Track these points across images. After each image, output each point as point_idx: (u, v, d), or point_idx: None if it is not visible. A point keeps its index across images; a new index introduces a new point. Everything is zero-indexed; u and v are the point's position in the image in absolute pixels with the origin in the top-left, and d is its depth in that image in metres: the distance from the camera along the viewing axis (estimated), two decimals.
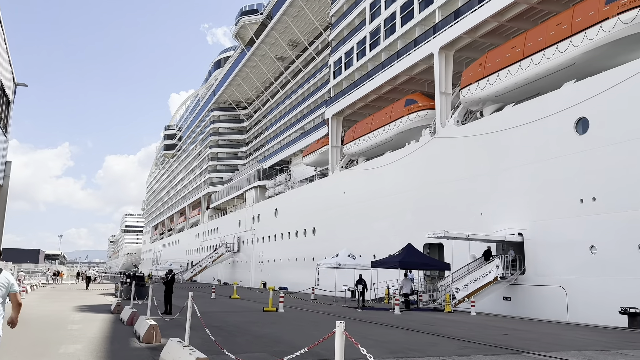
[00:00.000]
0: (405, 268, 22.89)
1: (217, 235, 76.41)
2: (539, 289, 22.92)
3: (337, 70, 44.51)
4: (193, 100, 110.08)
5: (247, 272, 63.04)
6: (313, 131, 52.89)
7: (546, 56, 23.57)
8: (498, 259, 23.38)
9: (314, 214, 45.89)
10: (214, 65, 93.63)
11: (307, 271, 46.46)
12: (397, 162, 34.04)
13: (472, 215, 26.88)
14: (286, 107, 66.83)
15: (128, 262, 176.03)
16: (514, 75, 25.36)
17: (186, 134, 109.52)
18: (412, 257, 21.98)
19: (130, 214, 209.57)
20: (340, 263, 26.48)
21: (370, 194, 37.07)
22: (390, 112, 36.00)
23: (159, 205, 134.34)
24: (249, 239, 63.21)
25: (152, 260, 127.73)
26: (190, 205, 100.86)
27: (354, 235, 38.38)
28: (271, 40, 64.38)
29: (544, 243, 22.82)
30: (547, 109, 23.19)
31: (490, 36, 29.80)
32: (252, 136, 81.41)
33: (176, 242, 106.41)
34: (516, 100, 26.08)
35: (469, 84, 28.41)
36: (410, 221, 32.49)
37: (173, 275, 18.38)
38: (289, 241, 51.12)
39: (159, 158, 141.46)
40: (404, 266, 21.87)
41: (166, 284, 17.76)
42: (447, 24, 30.71)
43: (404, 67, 34.55)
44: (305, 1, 55.43)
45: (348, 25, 43.63)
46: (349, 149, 41.44)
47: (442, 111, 30.83)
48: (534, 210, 23.48)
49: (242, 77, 76.09)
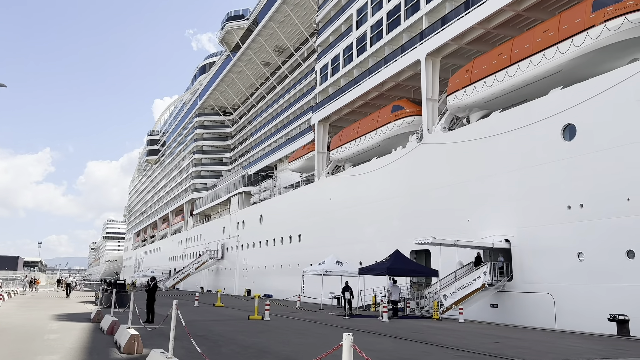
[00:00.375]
0: (394, 275, 22.62)
1: (200, 242, 75.46)
2: (526, 296, 22.81)
3: (324, 76, 44.35)
4: (177, 105, 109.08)
5: (231, 280, 62.26)
6: (299, 137, 52.59)
7: (533, 63, 23.63)
8: (485, 266, 23.23)
9: (299, 220, 45.48)
10: (198, 70, 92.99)
11: (292, 278, 45.96)
12: (384, 168, 33.87)
13: (459, 222, 26.75)
14: (272, 113, 66.47)
15: (109, 270, 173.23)
16: (501, 81, 25.38)
17: (170, 140, 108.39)
18: (400, 263, 21.72)
19: (112, 221, 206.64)
20: (326, 270, 26.10)
21: (356, 200, 36.82)
22: (376, 118, 35.88)
23: (142, 212, 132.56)
24: (233, 245, 62.48)
25: (133, 268, 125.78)
26: (174, 211, 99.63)
27: (340, 242, 38.05)
28: (257, 45, 64.08)
29: (532, 250, 22.75)
30: (534, 115, 23.21)
31: (477, 43, 29.86)
32: (237, 142, 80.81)
33: (158, 249, 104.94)
34: (503, 106, 26.09)
35: (456, 91, 28.39)
36: (397, 227, 32.28)
37: (155, 282, 17.84)
38: (274, 248, 50.59)
39: (142, 164, 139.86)
40: (392, 273, 21.60)
41: (148, 291, 17.21)
42: (434, 30, 30.73)
43: (391, 73, 34.47)
44: (291, 7, 55.32)
45: (335, 32, 43.54)
46: (335, 155, 41.20)
47: (428, 117, 30.77)
48: (521, 217, 23.42)
49: (227, 83, 75.57)
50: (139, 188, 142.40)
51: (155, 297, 17.21)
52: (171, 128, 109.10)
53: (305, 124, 53.40)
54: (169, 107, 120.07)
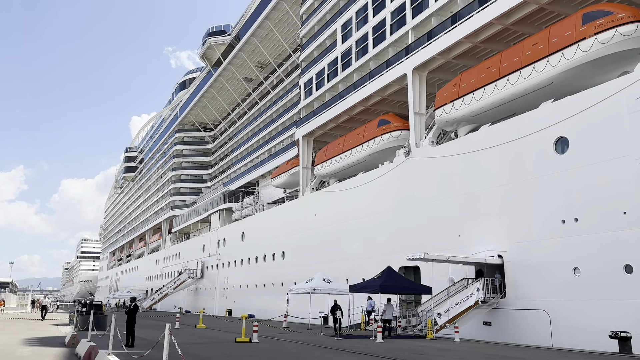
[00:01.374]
0: (387, 292, 21.81)
1: (179, 261, 73.52)
2: (520, 313, 22.24)
3: (308, 90, 43.87)
4: (156, 122, 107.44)
5: (211, 299, 60.56)
6: (282, 152, 51.83)
7: (523, 76, 23.45)
8: (478, 282, 22.64)
9: (283, 237, 44.47)
10: (178, 86, 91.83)
11: (275, 297, 44.75)
12: (371, 183, 33.28)
13: (450, 237, 26.20)
14: (254, 129, 65.68)
15: (83, 290, 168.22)
16: (490, 95, 25.14)
17: (148, 156, 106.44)
18: (392, 280, 20.95)
19: (87, 240, 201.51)
20: (314, 288, 25.17)
21: (342, 216, 36.09)
22: (362, 132, 35.40)
23: (118, 230, 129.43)
24: (213, 264, 60.93)
25: (109, 288, 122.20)
26: (151, 229, 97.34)
27: (326, 259, 37.16)
28: (239, 61, 63.51)
29: (525, 265, 22.26)
30: (525, 128, 22.94)
31: (463, 58, 29.74)
32: (218, 158, 79.61)
33: (135, 268, 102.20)
34: (492, 120, 25.82)
35: (444, 104, 28.10)
36: (384, 244, 31.59)
37: (136, 303, 16.68)
38: (256, 266, 49.35)
39: (119, 181, 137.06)
40: (385, 290, 20.81)
41: (129, 313, 16.04)
42: (420, 45, 30.53)
43: (377, 87, 34.13)
44: (274, 23, 55.02)
45: (319, 47, 43.22)
46: (320, 170, 40.53)
47: (416, 131, 30.39)
48: (514, 232, 22.96)
49: (208, 99, 74.65)
50: (115, 206, 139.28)
51: (135, 319, 16.07)
52: (149, 144, 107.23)
53: (288, 139, 52.73)
54: (148, 123, 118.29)
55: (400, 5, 32.51)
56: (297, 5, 51.07)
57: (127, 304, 16.66)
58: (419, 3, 30.98)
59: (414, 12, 31.34)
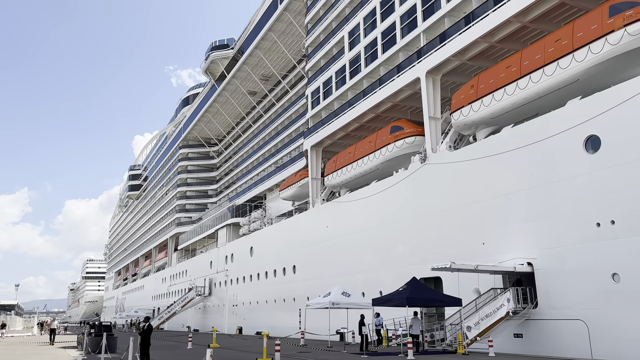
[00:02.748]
0: (414, 305, 20.54)
1: (186, 279, 72.22)
2: (555, 323, 20.92)
3: (315, 100, 42.95)
4: (160, 139, 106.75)
5: (220, 317, 59.12)
6: (289, 164, 50.80)
7: (546, 74, 22.39)
8: (509, 292, 21.36)
9: (293, 251, 43.23)
10: (182, 102, 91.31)
11: (287, 313, 43.42)
12: (385, 192, 32.13)
13: (473, 245, 24.95)
14: (259, 142, 64.78)
15: (89, 311, 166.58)
16: (511, 95, 24.07)
17: (152, 173, 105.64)
18: (419, 292, 19.67)
19: (92, 260, 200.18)
20: (333, 302, 23.86)
21: (355, 226, 34.87)
22: (374, 140, 34.33)
23: (123, 249, 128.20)
24: (221, 280, 59.60)
25: (115, 308, 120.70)
26: (157, 247, 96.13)
27: (339, 272, 35.88)
28: (243, 74, 62.87)
29: (558, 273, 20.97)
30: (551, 128, 21.82)
31: (478, 59, 28.77)
32: (223, 173, 78.65)
33: (141, 287, 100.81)
34: (513, 122, 24.68)
35: (461, 107, 27.03)
36: (402, 254, 30.35)
37: (150, 324, 15.48)
38: (266, 281, 48.03)
39: (123, 200, 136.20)
40: (412, 303, 19.53)
41: (142, 334, 14.85)
42: (433, 47, 29.59)
43: (388, 93, 33.15)
44: (278, 34, 54.38)
45: (325, 55, 42.39)
46: (330, 180, 39.40)
47: (432, 136, 29.30)
48: (544, 238, 21.71)
49: (212, 113, 73.93)
50: (120, 225, 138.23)
51: (150, 340, 14.87)
52: (154, 162, 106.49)
53: (295, 150, 51.75)
54: (151, 140, 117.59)
55: (410, 8, 31.65)
56: (300, 15, 50.44)
57: (141, 324, 15.34)
58: (430, 5, 30.11)
59: (426, 14, 30.46)
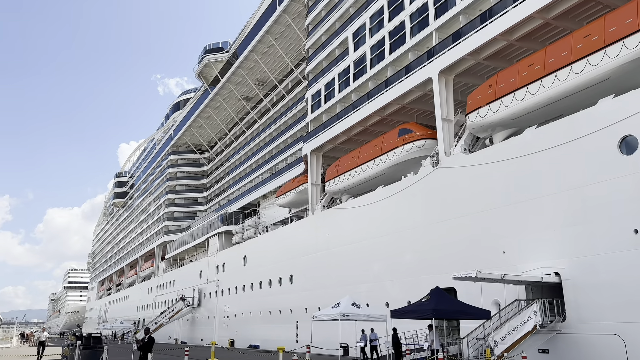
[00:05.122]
0: (440, 317, 18.81)
1: (173, 289, 69.60)
2: (586, 338, 19.33)
3: (316, 103, 41.35)
4: (148, 145, 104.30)
5: (209, 330, 56.69)
6: (286, 170, 49.01)
7: (574, 71, 21.06)
8: (535, 304, 19.75)
9: (290, 260, 41.30)
10: (172, 107, 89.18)
11: (283, 326, 41.38)
12: (393, 198, 30.49)
13: (492, 254, 23.37)
14: (252, 148, 62.94)
15: (70, 321, 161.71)
16: (534, 94, 22.69)
17: (139, 181, 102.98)
18: (445, 303, 17.96)
19: (74, 269, 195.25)
20: (344, 314, 22.00)
21: (359, 234, 33.13)
22: (380, 143, 32.78)
23: (107, 259, 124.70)
24: (211, 291, 57.27)
25: (97, 319, 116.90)
26: (143, 257, 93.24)
27: (341, 282, 34.03)
28: (237, 79, 61.17)
29: (590, 283, 19.44)
30: (581, 129, 20.42)
31: (494, 59, 27.47)
32: (214, 181, 76.51)
33: (125, 297, 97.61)
34: (534, 123, 23.26)
35: (478, 108, 25.60)
36: (410, 263, 28.66)
37: (151, 335, 13.48)
38: (260, 292, 45.93)
39: (108, 207, 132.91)
40: (438, 315, 17.81)
41: (142, 348, 12.88)
42: (446, 46, 28.23)
43: (396, 95, 31.68)
44: (275, 37, 52.90)
45: (327, 57, 40.91)
46: (332, 186, 37.70)
47: (445, 139, 27.81)
48: (574, 246, 20.19)
49: (204, 119, 71.99)
50: (104, 233, 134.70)
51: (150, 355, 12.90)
52: (141, 168, 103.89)
53: (292, 156, 50.02)
54: (139, 147, 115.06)
55: (421, 6, 30.29)
56: (300, 18, 49.05)
57: (138, 335, 13.15)
58: (443, 2, 28.79)
59: (438, 12, 29.13)
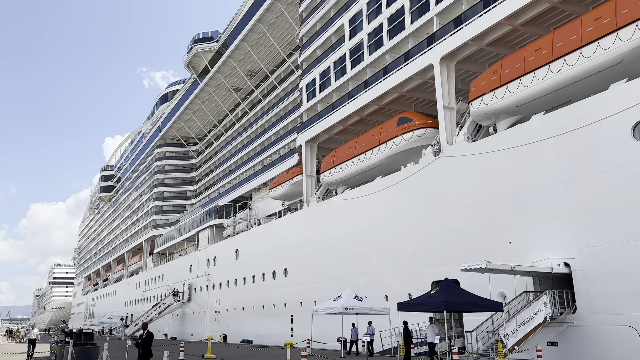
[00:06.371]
0: (451, 310, 18.09)
1: (162, 284, 68.40)
2: (598, 330, 18.75)
3: (311, 92, 40.36)
4: (135, 138, 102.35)
5: (200, 325, 55.68)
6: (279, 162, 48.04)
7: (584, 55, 20.38)
8: (545, 296, 19.13)
9: (284, 253, 40.41)
10: (160, 99, 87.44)
11: (276, 320, 40.58)
12: (392, 188, 29.72)
13: (498, 245, 22.70)
14: (243, 141, 61.78)
15: (56, 318, 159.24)
16: (542, 80, 21.99)
17: (126, 174, 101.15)
18: (456, 295, 17.23)
19: (60, 265, 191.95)
20: (347, 307, 21.19)
21: (357, 226, 32.34)
22: (379, 133, 31.95)
23: (94, 254, 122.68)
24: (202, 285, 56.20)
25: (84, 315, 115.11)
26: (130, 251, 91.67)
27: (337, 275, 33.26)
28: (228, 69, 59.84)
29: (602, 274, 18.83)
30: (591, 114, 19.77)
31: (497, 45, 26.78)
32: (203, 173, 75.18)
33: (113, 293, 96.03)
34: (539, 110, 22.61)
35: (482, 95, 24.85)
36: (411, 255, 27.94)
37: (149, 331, 12.43)
38: (253, 286, 45.00)
39: (94, 202, 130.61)
40: (450, 307, 17.07)
41: (141, 344, 11.86)
42: (447, 32, 27.44)
43: (394, 83, 30.84)
44: (267, 26, 51.70)
45: (322, 45, 39.90)
46: (327, 177, 36.81)
47: (447, 127, 27.06)
48: (584, 235, 19.57)
49: (193, 110, 70.55)
50: (90, 228, 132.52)
51: (151, 352, 11.89)
52: (128, 162, 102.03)
53: (285, 148, 49.04)
54: (125, 140, 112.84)
55: None
56: (292, 6, 47.94)
57: (137, 331, 11.77)
58: None
59: None
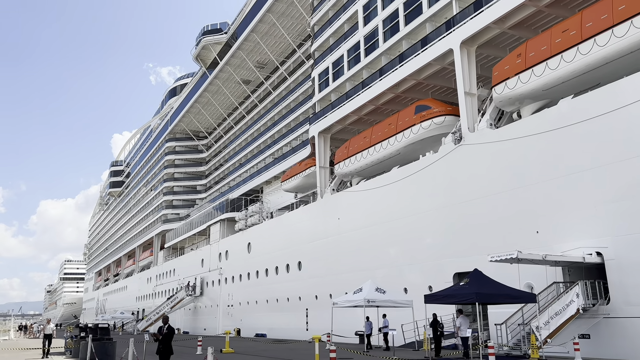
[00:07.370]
0: (484, 302, 17.32)
1: (174, 278, 68.05)
2: (634, 322, 17.92)
3: (324, 82, 39.54)
4: (144, 133, 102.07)
5: (213, 319, 55.24)
6: (290, 154, 47.32)
7: (616, 35, 19.44)
8: (577, 286, 18.31)
9: (298, 246, 39.76)
10: (168, 93, 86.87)
11: (291, 314, 40.01)
12: (411, 178, 28.91)
13: (525, 234, 21.86)
14: (253, 134, 61.10)
15: (67, 313, 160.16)
16: (570, 62, 21.06)
17: (135, 169, 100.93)
18: (487, 287, 16.43)
19: (70, 261, 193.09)
20: (368, 299, 20.48)
21: (373, 218, 31.59)
22: (395, 122, 31.11)
23: (104, 249, 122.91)
24: (214, 279, 55.74)
25: (95, 310, 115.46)
26: (141, 246, 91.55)
27: (353, 268, 32.56)
28: (237, 61, 59.09)
29: (638, 263, 17.98)
30: (626, 97, 18.84)
31: (519, 28, 25.81)
32: (213, 168, 74.67)
33: (124, 288, 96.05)
34: (566, 95, 21.68)
35: (506, 79, 23.93)
36: (431, 247, 27.16)
37: (170, 325, 11.73)
38: (266, 279, 44.44)
39: (104, 197, 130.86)
40: (482, 299, 16.29)
41: (162, 340, 11.20)
42: (466, 16, 26.51)
43: (412, 70, 29.94)
44: (277, 16, 50.81)
45: (335, 33, 39.03)
46: (342, 168, 36.05)
47: (468, 114, 26.17)
48: (618, 223, 18.70)
49: (202, 104, 69.93)
50: (100, 223, 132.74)
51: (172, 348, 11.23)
52: (137, 157, 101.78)
53: (297, 140, 48.28)
54: (134, 135, 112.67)
55: None
56: None
57: (158, 327, 10.95)
58: None
59: None
